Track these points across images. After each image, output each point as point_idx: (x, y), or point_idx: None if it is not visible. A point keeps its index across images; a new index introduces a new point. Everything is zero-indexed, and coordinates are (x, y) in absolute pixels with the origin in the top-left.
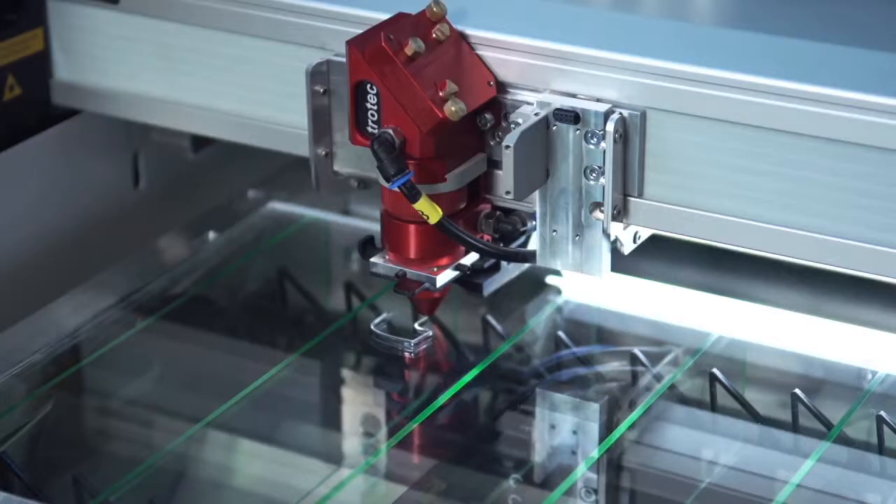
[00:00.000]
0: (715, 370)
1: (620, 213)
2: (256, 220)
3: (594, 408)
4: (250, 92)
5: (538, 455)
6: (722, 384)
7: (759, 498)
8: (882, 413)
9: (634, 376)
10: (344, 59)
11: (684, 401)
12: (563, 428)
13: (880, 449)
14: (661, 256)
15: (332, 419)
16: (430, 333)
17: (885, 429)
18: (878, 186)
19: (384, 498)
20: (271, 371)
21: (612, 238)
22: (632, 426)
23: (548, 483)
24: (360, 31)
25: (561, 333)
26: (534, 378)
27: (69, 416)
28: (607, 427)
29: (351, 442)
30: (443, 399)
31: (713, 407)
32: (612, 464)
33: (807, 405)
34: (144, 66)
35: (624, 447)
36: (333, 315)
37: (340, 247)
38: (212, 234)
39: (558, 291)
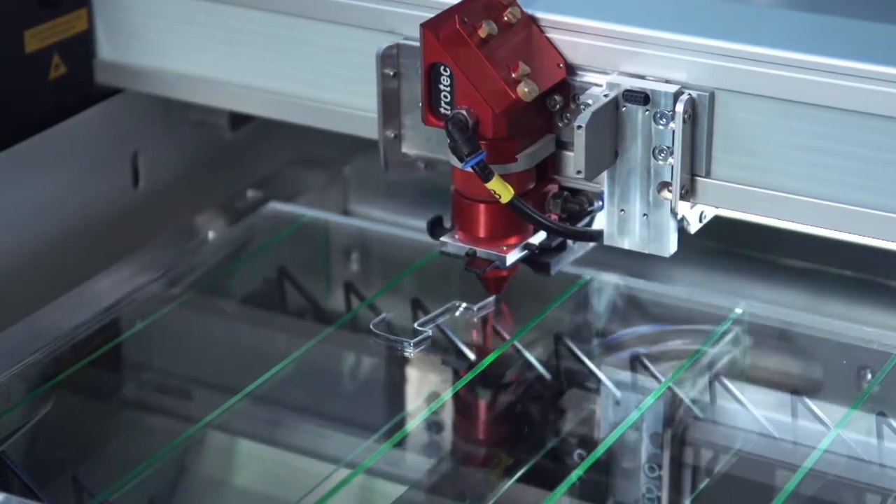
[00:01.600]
0: (716, 369)
1: (688, 193)
2: (256, 220)
3: (655, 386)
4: (317, 75)
5: (601, 432)
6: (722, 384)
7: (760, 495)
8: (882, 413)
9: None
10: (414, 43)
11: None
12: (625, 405)
13: (880, 449)
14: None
15: (332, 418)
16: (430, 333)
17: (885, 429)
18: None
19: (385, 496)
20: (270, 371)
21: (679, 217)
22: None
23: (610, 460)
24: (429, 15)
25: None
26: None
27: (69, 416)
28: (671, 405)
29: (351, 441)
30: (453, 390)
31: (714, 406)
32: (677, 440)
33: (807, 405)
34: (187, 46)
35: (686, 424)
36: (333, 315)
37: (340, 247)
38: (212, 234)
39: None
